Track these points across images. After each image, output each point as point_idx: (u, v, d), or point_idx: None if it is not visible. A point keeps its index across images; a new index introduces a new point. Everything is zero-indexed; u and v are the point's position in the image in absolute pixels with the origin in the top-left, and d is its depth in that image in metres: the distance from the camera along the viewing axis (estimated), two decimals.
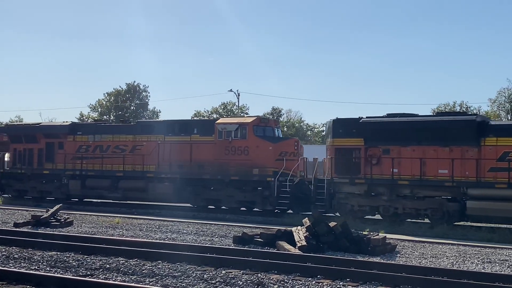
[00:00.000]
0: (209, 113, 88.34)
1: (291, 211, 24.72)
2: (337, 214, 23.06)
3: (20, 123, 33.85)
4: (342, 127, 23.69)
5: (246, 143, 25.57)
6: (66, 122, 32.17)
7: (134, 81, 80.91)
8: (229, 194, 25.83)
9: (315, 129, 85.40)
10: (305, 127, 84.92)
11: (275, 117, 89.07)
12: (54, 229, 18.33)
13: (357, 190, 23.00)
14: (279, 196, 24.54)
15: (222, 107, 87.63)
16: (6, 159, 33.25)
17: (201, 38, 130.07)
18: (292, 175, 24.76)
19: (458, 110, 69.74)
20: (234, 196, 25.71)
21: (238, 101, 75.73)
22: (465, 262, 13.81)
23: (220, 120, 27.16)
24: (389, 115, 23.59)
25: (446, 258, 14.29)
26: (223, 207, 26.67)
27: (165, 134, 27.73)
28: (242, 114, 26.91)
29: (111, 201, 29.06)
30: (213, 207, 26.66)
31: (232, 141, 25.75)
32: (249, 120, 26.10)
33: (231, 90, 72.31)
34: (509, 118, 63.44)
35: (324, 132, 76.65)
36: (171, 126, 27.96)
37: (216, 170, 25.99)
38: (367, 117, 23.59)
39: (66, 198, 29.87)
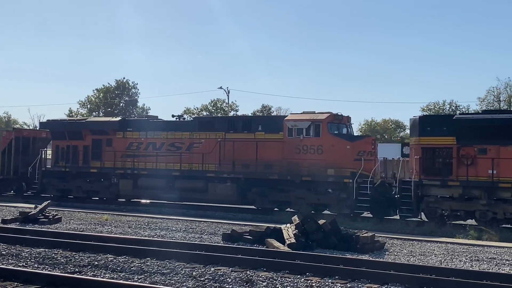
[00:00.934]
0: (199, 110, 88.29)
1: (370, 215, 23.18)
2: (425, 219, 21.55)
3: (64, 118, 32.16)
4: (430, 124, 22.18)
5: (319, 141, 23.69)
6: (116, 118, 30.43)
7: (123, 78, 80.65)
8: (299, 196, 23.98)
9: None
10: None
11: (265, 115, 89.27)
12: (43, 226, 18.25)
13: (449, 193, 21.33)
14: (357, 199, 22.76)
15: (212, 105, 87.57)
16: (47, 156, 31.70)
17: (192, 35, 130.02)
18: (372, 177, 22.87)
19: (447, 108, 70.22)
20: (305, 198, 23.87)
21: (228, 99, 75.71)
22: (453, 260, 13.88)
23: (290, 117, 25.20)
24: (485, 112, 22.44)
25: (435, 256, 14.35)
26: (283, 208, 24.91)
27: (226, 131, 25.91)
28: (313, 111, 24.56)
29: (166, 201, 27.41)
30: (277, 209, 24.82)
31: (303, 139, 23.89)
32: (323, 116, 24.05)
33: (221, 88, 72.26)
34: None
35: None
36: (232, 122, 26.33)
37: (285, 170, 24.28)
38: (460, 114, 22.93)
39: (114, 198, 28.53)
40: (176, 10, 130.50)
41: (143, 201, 28.67)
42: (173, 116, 27.90)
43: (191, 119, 27.76)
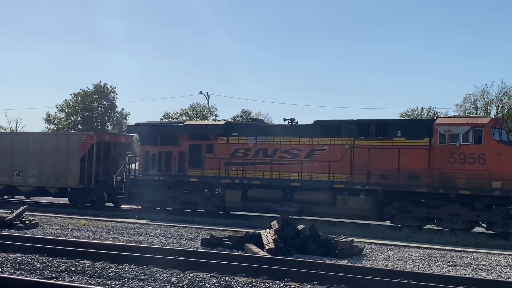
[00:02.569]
0: (178, 115, 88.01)
1: None
2: None
3: (156, 121, 29.04)
4: None
5: (481, 149, 20.81)
6: (219, 121, 27.41)
7: (100, 81, 79.99)
8: (452, 212, 21.18)
9: None
10: None
11: (245, 120, 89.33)
12: (19, 231, 18.03)
13: None
14: None
15: (192, 109, 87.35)
16: (134, 164, 28.44)
17: (173, 39, 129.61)
18: None
19: (425, 114, 70.84)
20: (460, 215, 21.11)
21: (208, 103, 75.58)
22: (431, 265, 13.99)
23: (442, 121, 22.25)
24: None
25: (412, 261, 14.46)
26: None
27: (355, 136, 23.02)
28: (466, 114, 20.96)
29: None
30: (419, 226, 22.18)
31: (460, 146, 21.01)
32: (485, 121, 21.60)
33: (200, 92, 72.09)
34: None
35: None
36: (363, 127, 23.10)
37: (436, 182, 21.41)
38: None
39: (217, 210, 25.85)
40: (157, 14, 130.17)
41: (257, 214, 25.41)
42: (284, 119, 25.24)
43: (311, 122, 24.43)
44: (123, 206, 28.50)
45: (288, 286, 10.34)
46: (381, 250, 16.32)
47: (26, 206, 21.60)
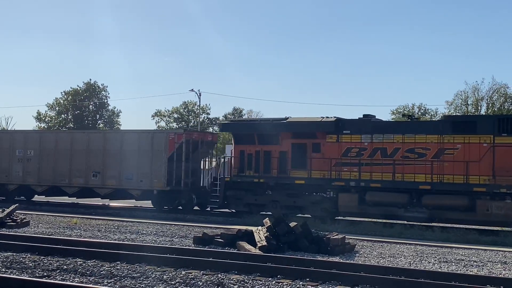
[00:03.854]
0: (170, 112, 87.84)
1: None
2: None
3: (254, 118, 26.65)
4: None
5: None
6: (328, 117, 24.32)
7: (90, 79, 79.68)
8: None
9: None
10: None
11: (236, 118, 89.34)
12: (10, 230, 17.96)
13: None
14: None
15: (183, 107, 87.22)
16: (230, 164, 26.10)
17: (164, 37, 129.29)
18: None
19: (416, 112, 71.08)
20: None
21: (200, 101, 75.53)
22: (422, 261, 14.04)
23: None
24: None
25: (404, 258, 14.51)
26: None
27: (496, 133, 20.91)
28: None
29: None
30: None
31: None
32: None
33: (192, 90, 72.00)
34: None
35: None
36: (507, 122, 21.07)
37: None
38: None
39: (328, 215, 23.39)
40: (149, 12, 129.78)
41: (379, 220, 23.08)
42: (403, 115, 23.02)
43: (440, 118, 22.70)
44: (216, 210, 26.31)
45: (281, 283, 10.35)
46: (373, 247, 16.37)
47: (17, 204, 21.53)
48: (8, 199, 29.43)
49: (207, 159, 28.41)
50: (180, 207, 27.33)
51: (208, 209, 27.16)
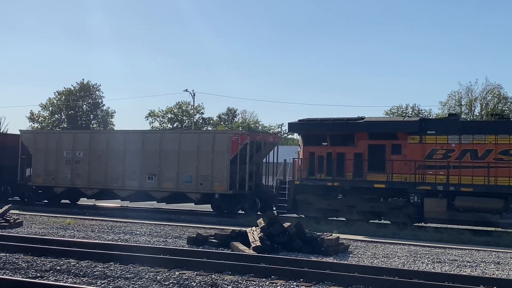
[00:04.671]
0: (164, 112, 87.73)
1: None
2: None
3: (326, 118, 24.50)
4: None
5: None
6: (409, 116, 22.52)
7: (83, 79, 79.45)
8: None
9: (271, 130, 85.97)
10: (260, 128, 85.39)
11: (230, 118, 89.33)
12: (3, 230, 17.88)
13: None
14: None
15: (177, 107, 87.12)
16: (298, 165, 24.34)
17: (158, 37, 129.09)
18: None
19: (410, 112, 71.25)
20: None
21: (194, 101, 75.47)
22: (416, 262, 14.07)
23: None
24: None
25: (398, 258, 14.53)
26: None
27: None
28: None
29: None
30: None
31: None
32: None
33: (186, 90, 71.93)
34: None
35: (284, 134, 76.84)
36: None
37: None
38: None
39: (411, 221, 21.96)
40: (142, 11, 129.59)
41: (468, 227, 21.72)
42: (492, 115, 21.75)
43: None
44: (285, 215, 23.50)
45: (274, 284, 10.34)
46: (367, 247, 16.39)
47: (10, 205, 21.46)
48: (53, 203, 28.77)
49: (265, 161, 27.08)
50: (242, 211, 25.74)
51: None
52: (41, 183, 29.12)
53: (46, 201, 29.31)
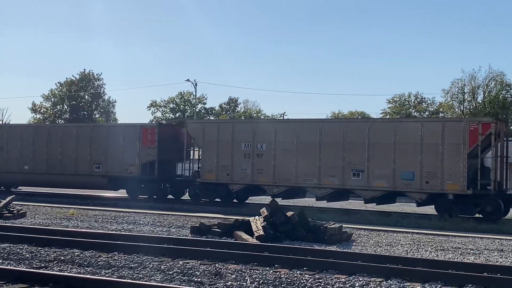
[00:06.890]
0: (166, 102, 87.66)
1: None
2: None
3: None
4: None
5: None
6: None
7: (84, 69, 79.36)
8: None
9: None
10: (263, 117, 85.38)
11: (232, 108, 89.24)
12: (7, 221, 17.92)
13: None
14: None
15: (179, 97, 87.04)
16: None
17: (158, 27, 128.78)
18: None
19: (413, 100, 71.10)
20: None
21: (196, 91, 75.34)
22: (419, 250, 14.08)
23: None
24: None
25: (401, 246, 14.54)
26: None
27: None
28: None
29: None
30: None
31: None
32: None
33: (188, 80, 71.80)
34: (462, 108, 64.75)
35: None
36: None
37: None
38: None
39: None
40: (145, 1, 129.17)
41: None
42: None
43: None
44: None
45: (278, 273, 10.36)
46: (370, 236, 16.40)
47: (13, 196, 21.46)
48: (225, 201, 25.79)
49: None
50: (480, 215, 21.85)
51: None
52: (214, 180, 25.86)
53: (218, 199, 26.17)
